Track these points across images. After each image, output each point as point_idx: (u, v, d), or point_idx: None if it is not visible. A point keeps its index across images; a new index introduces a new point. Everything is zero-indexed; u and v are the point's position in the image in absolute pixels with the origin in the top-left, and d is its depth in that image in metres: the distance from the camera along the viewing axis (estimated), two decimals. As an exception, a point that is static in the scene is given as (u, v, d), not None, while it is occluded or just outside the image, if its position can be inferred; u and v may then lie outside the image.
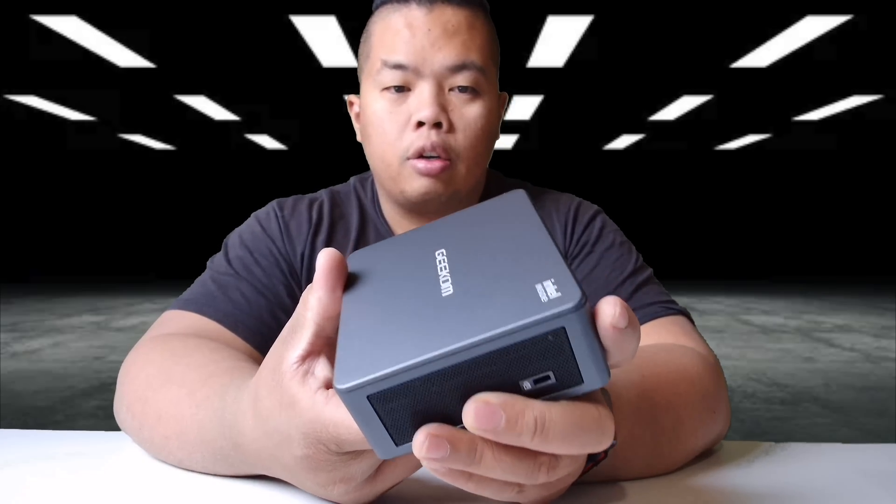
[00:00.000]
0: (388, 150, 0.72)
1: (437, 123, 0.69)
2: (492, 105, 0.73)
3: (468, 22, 0.71)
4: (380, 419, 0.29)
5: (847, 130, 10.18)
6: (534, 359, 0.28)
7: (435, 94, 0.69)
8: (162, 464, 0.52)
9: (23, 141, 11.60)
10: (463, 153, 0.71)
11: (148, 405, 0.52)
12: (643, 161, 13.44)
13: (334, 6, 4.98)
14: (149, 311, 7.38)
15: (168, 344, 0.59)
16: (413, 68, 0.70)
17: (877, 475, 0.49)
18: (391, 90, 0.71)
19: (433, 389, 0.28)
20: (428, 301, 0.31)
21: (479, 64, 0.70)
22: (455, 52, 0.69)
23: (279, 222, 0.78)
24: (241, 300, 0.71)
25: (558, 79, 7.10)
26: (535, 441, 0.29)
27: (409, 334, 0.29)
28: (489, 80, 0.73)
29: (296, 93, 7.76)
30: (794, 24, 5.36)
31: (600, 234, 0.79)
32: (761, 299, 8.95)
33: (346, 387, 0.28)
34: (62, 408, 3.29)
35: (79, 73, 6.81)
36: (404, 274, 0.34)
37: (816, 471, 0.50)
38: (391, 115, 0.71)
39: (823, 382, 3.92)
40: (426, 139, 0.69)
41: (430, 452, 0.28)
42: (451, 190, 0.73)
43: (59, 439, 0.59)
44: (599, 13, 5.16)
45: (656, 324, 0.69)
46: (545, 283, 0.28)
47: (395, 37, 0.70)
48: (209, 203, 13.56)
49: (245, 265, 0.74)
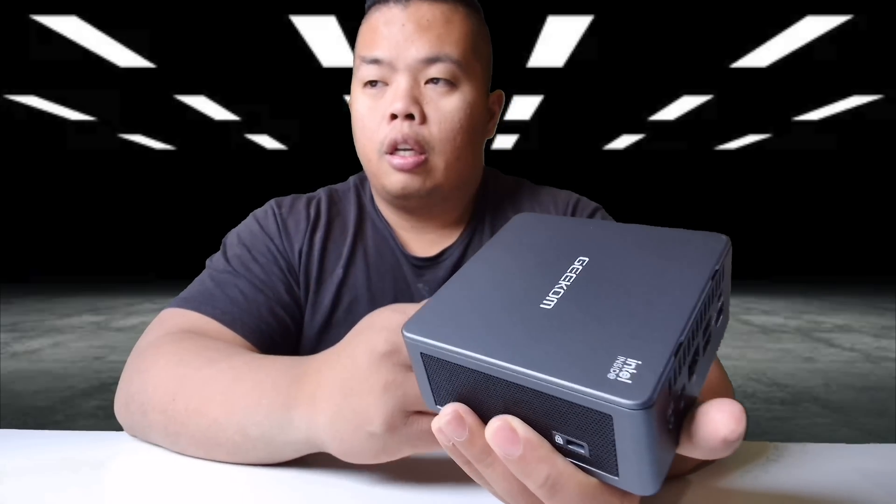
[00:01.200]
0: (368, 145, 0.73)
1: (409, 115, 0.70)
2: (473, 99, 0.73)
3: (444, 16, 0.71)
4: (427, 375, 0.31)
5: (847, 130, 10.17)
6: (575, 423, 0.26)
7: (408, 87, 0.70)
8: (162, 464, 0.52)
9: (23, 141, 11.59)
10: (438, 146, 0.71)
11: (168, 392, 0.52)
12: (643, 161, 13.43)
13: (334, 6, 4.97)
14: (149, 311, 7.38)
15: (183, 343, 0.59)
16: (388, 62, 0.71)
17: (877, 475, 0.49)
18: (370, 85, 0.72)
19: (479, 383, 0.29)
20: (525, 305, 0.30)
21: (454, 56, 0.71)
22: (428, 45, 0.70)
23: (277, 220, 0.79)
24: (240, 297, 0.71)
25: (558, 79, 7.09)
26: (540, 493, 0.29)
27: (486, 327, 0.29)
28: (469, 74, 0.72)
29: (296, 93, 7.76)
30: (794, 24, 5.36)
31: None
32: (761, 299, 8.95)
33: (408, 336, 0.30)
34: (62, 408, 3.29)
35: (79, 73, 6.81)
36: (533, 265, 0.33)
37: (816, 471, 0.50)
38: (370, 110, 0.72)
39: (823, 382, 3.92)
40: (398, 131, 0.70)
41: (449, 427, 0.29)
42: (429, 185, 0.73)
43: (60, 439, 0.59)
44: (599, 13, 5.16)
45: None
46: (628, 361, 0.25)
47: (373, 34, 0.72)
48: (209, 203, 13.56)
49: (243, 263, 0.75)
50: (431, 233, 0.80)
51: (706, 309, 0.29)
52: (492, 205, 0.83)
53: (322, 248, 0.78)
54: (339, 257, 0.78)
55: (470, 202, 0.82)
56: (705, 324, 0.29)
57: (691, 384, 0.28)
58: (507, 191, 0.85)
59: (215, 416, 0.49)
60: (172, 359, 0.55)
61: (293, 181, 12.84)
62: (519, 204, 0.84)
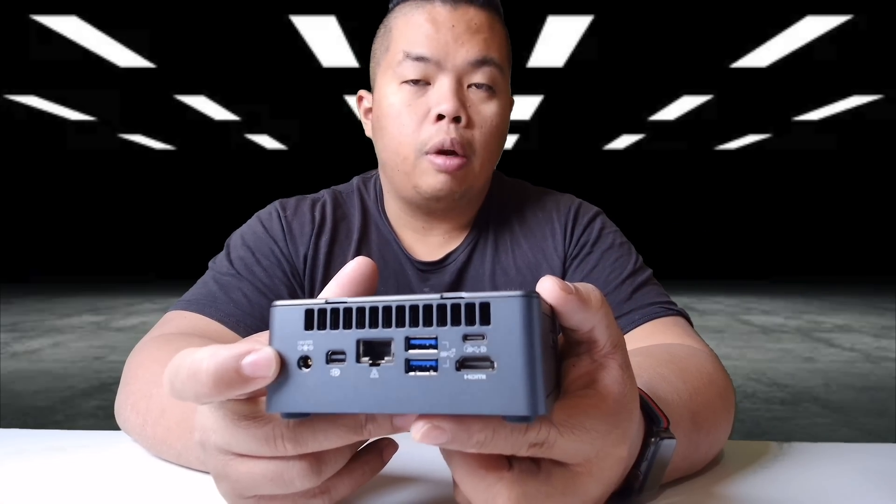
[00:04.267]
0: (405, 143, 0.72)
1: (456, 118, 0.69)
2: (507, 105, 0.74)
3: (489, 22, 0.72)
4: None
5: (847, 130, 10.17)
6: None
7: (455, 89, 0.70)
8: (161, 463, 0.52)
9: (23, 141, 11.60)
10: (479, 150, 0.72)
11: (152, 401, 0.52)
12: (643, 161, 13.43)
13: (334, 6, 4.98)
14: (149, 311, 7.38)
15: (173, 343, 0.59)
16: (435, 62, 0.70)
17: (877, 475, 0.49)
18: (410, 83, 0.71)
19: None
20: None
21: (498, 62, 0.72)
22: (478, 48, 0.70)
23: (282, 223, 0.78)
24: (243, 300, 0.71)
25: (558, 79, 7.09)
26: (531, 452, 0.30)
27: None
28: (505, 81, 0.74)
29: (296, 93, 7.76)
30: (794, 24, 5.36)
31: (600, 235, 0.80)
32: (761, 299, 8.95)
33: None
34: (62, 408, 3.29)
35: (79, 73, 6.81)
36: None
37: (816, 471, 0.50)
38: (409, 107, 0.71)
39: (823, 382, 3.92)
40: (446, 133, 0.69)
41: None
42: (464, 187, 0.73)
43: (59, 439, 0.59)
44: (599, 13, 5.16)
45: (657, 323, 0.69)
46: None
47: (418, 30, 0.71)
48: (209, 203, 13.56)
49: (247, 265, 0.74)
50: (438, 236, 0.80)
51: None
52: (496, 209, 0.82)
53: (327, 252, 0.78)
54: (343, 261, 0.78)
55: (478, 205, 0.82)
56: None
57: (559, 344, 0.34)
58: (511, 195, 0.85)
59: (178, 448, 0.49)
60: (148, 373, 0.56)
61: (293, 181, 12.82)
62: (522, 208, 0.83)
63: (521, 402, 0.26)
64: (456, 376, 0.27)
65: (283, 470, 0.32)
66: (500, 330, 0.27)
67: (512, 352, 0.27)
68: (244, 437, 0.32)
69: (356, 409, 0.28)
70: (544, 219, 0.81)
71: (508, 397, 0.26)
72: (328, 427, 0.31)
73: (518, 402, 0.26)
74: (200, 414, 0.35)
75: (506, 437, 0.28)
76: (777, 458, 0.54)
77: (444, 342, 0.27)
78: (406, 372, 0.28)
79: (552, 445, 0.30)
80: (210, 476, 0.48)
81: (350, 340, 0.29)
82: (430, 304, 0.28)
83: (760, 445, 0.57)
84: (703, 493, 0.45)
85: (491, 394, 0.27)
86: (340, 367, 0.29)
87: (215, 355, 0.29)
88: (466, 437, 0.28)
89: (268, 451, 0.32)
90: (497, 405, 0.26)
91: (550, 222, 0.81)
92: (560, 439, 0.30)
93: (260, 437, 0.32)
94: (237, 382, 0.29)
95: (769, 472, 0.50)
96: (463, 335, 0.27)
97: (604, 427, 0.31)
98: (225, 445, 0.33)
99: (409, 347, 0.28)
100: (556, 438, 0.30)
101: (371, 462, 0.36)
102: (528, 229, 0.81)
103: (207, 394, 0.30)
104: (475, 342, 0.27)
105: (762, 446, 0.57)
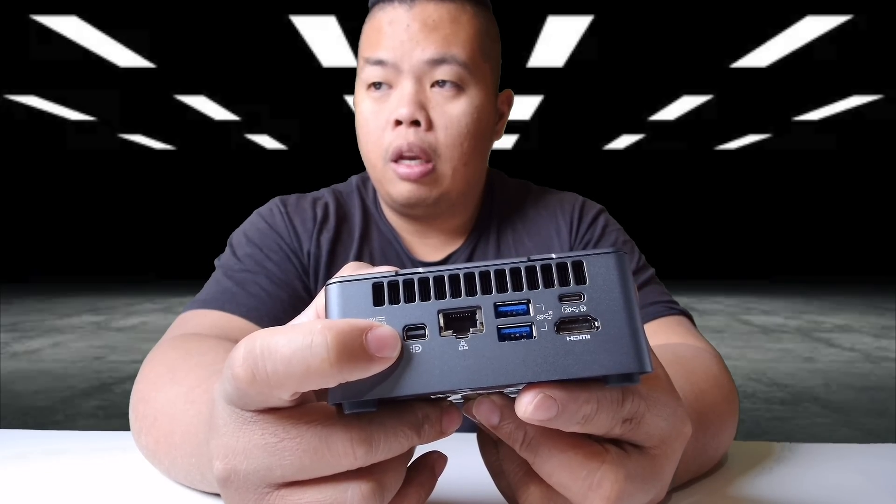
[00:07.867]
0: (373, 151, 0.71)
1: (414, 121, 0.67)
2: (481, 102, 0.70)
3: (451, 16, 0.68)
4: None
5: (847, 130, 10.17)
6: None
7: (413, 91, 0.67)
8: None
9: (23, 141, 11.60)
10: (445, 153, 0.69)
11: (149, 405, 0.48)
12: (643, 161, 13.43)
13: (334, 6, 4.98)
14: (149, 311, 7.38)
15: (186, 343, 0.56)
16: (393, 64, 0.68)
17: (877, 475, 0.49)
18: (373, 88, 0.70)
19: None
20: None
21: (461, 58, 0.68)
22: (433, 46, 0.67)
23: (284, 218, 0.77)
24: (262, 294, 0.69)
25: (558, 79, 7.09)
26: (623, 429, 0.28)
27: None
28: (476, 76, 0.70)
29: (296, 93, 7.76)
30: (794, 24, 5.36)
31: (603, 233, 0.79)
32: (761, 299, 8.94)
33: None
34: (62, 408, 3.29)
35: (79, 73, 6.81)
36: None
37: (816, 471, 0.50)
38: (374, 114, 0.70)
39: (823, 382, 3.92)
40: (403, 139, 0.67)
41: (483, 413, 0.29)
42: (436, 193, 0.71)
43: (60, 439, 0.59)
44: (599, 13, 5.16)
45: (660, 323, 0.69)
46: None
47: (377, 34, 0.69)
48: (209, 203, 13.56)
49: (257, 261, 0.72)
50: (437, 237, 0.79)
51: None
52: (498, 208, 0.82)
53: (330, 250, 0.76)
54: (346, 259, 0.77)
55: (476, 205, 0.81)
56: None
57: None
58: (513, 194, 0.84)
59: (166, 465, 0.45)
60: (153, 374, 0.51)
61: (293, 181, 12.82)
62: (524, 207, 0.83)
63: (630, 359, 0.25)
64: (558, 339, 0.26)
65: (341, 496, 0.26)
66: (598, 288, 0.26)
67: (615, 308, 0.26)
68: (295, 452, 0.26)
69: (447, 387, 0.25)
70: (548, 217, 0.81)
71: (617, 355, 0.25)
72: (396, 424, 0.27)
73: (627, 358, 0.25)
74: (220, 435, 0.27)
75: (607, 410, 0.27)
76: (777, 458, 0.54)
77: (538, 305, 0.26)
78: (500, 341, 0.26)
79: (640, 420, 0.28)
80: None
81: (430, 312, 0.26)
82: (518, 267, 0.27)
83: (764, 446, 0.57)
84: (703, 493, 0.45)
85: (598, 354, 0.25)
86: (421, 343, 0.26)
87: (331, 327, 0.24)
88: (575, 409, 0.26)
89: (329, 463, 0.26)
90: (605, 365, 0.25)
91: (555, 220, 0.80)
92: (648, 413, 0.28)
93: (317, 448, 0.26)
94: (362, 360, 0.24)
95: (768, 472, 0.50)
96: (559, 296, 0.26)
97: (673, 402, 0.30)
98: (265, 471, 0.26)
99: (499, 315, 0.26)
100: (645, 412, 0.28)
101: (425, 483, 0.30)
102: (532, 228, 0.80)
103: (324, 372, 0.24)
104: (572, 302, 0.26)
105: (766, 447, 0.57)
